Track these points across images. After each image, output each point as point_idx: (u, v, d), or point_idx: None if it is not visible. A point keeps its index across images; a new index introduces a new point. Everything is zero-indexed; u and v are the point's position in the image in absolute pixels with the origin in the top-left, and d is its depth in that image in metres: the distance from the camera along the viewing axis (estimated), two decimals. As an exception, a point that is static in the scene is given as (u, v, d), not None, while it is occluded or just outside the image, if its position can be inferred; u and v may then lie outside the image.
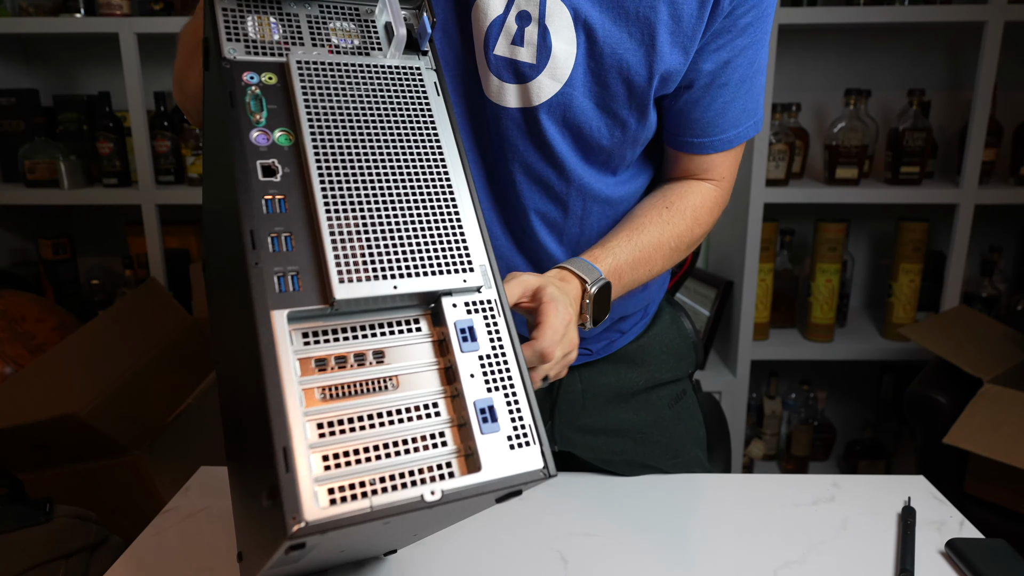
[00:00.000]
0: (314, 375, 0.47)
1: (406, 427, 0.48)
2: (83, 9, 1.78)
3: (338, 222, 0.50)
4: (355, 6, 0.59)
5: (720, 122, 0.76)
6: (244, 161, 0.49)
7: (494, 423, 0.49)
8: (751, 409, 2.13)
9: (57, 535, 1.07)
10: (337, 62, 0.55)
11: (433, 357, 0.51)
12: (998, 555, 0.68)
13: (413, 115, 0.56)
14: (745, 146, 0.83)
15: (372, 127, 0.54)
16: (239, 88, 0.52)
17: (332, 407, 0.47)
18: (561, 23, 0.68)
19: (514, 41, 0.68)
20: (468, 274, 0.53)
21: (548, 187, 0.75)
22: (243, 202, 0.48)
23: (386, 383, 0.49)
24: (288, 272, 0.47)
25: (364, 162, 0.53)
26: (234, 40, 0.53)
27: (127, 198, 1.85)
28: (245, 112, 0.51)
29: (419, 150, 0.55)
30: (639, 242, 0.75)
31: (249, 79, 0.52)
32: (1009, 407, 1.41)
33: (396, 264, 0.50)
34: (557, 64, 0.69)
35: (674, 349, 0.93)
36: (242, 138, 0.50)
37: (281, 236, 0.48)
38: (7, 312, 1.54)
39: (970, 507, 1.48)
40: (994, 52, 1.68)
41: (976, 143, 1.75)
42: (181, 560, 0.71)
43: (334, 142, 0.52)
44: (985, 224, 2.05)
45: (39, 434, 1.29)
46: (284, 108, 0.52)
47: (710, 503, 0.81)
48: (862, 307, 2.20)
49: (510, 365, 0.52)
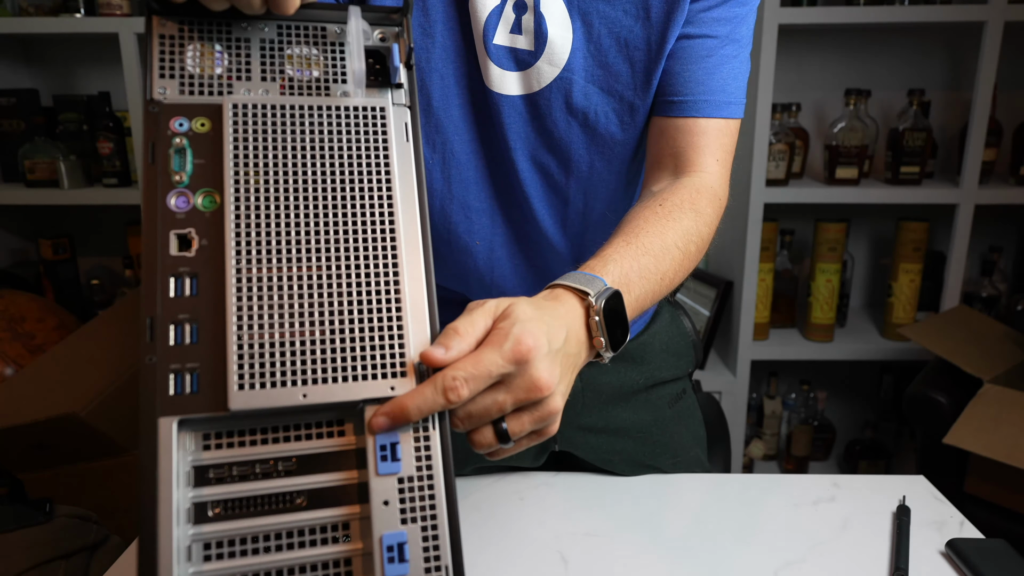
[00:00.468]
0: (210, 487, 0.41)
1: (307, 554, 0.41)
2: (83, 9, 1.78)
3: (248, 312, 0.42)
4: (321, 25, 0.49)
5: (705, 81, 0.72)
6: (155, 230, 0.42)
7: (403, 563, 0.42)
8: (751, 409, 2.13)
9: (57, 535, 1.07)
10: (283, 104, 0.46)
11: (351, 470, 0.43)
12: (998, 555, 0.68)
13: (367, 171, 0.47)
14: (737, 144, 0.79)
15: (313, 189, 0.45)
16: (163, 138, 0.44)
17: (224, 527, 0.40)
18: (556, 9, 0.68)
19: (512, 30, 0.69)
20: (398, 380, 0.44)
21: (550, 177, 0.76)
22: (146, 283, 0.41)
23: (293, 498, 0.42)
24: (187, 369, 0.41)
25: (295, 236, 0.44)
26: (167, 76, 0.45)
27: (127, 198, 1.85)
28: (166, 169, 0.43)
29: (367, 218, 0.46)
30: (641, 246, 0.64)
31: (177, 127, 0.44)
32: (1009, 407, 1.41)
33: (310, 367, 0.43)
34: (554, 49, 0.69)
35: (674, 348, 0.93)
36: (157, 202, 0.43)
37: (185, 325, 0.41)
38: (7, 312, 1.54)
39: (970, 507, 1.48)
40: (994, 52, 1.68)
41: (976, 143, 1.75)
42: (181, 560, 0.71)
43: (261, 209, 0.44)
44: (985, 224, 2.05)
45: (39, 434, 1.29)
46: (214, 163, 0.44)
47: (710, 503, 0.80)
48: (862, 307, 2.20)
49: (436, 492, 0.44)
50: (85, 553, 1.09)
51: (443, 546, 0.43)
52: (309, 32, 0.49)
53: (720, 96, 0.73)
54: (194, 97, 0.45)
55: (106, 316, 1.54)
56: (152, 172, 0.43)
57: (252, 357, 0.41)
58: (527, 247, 0.80)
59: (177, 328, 0.41)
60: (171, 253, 0.42)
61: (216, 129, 0.45)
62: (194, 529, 0.40)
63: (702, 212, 0.70)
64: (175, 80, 0.45)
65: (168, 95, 0.45)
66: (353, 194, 0.46)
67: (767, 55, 1.70)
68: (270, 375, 0.41)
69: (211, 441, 0.41)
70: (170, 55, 0.45)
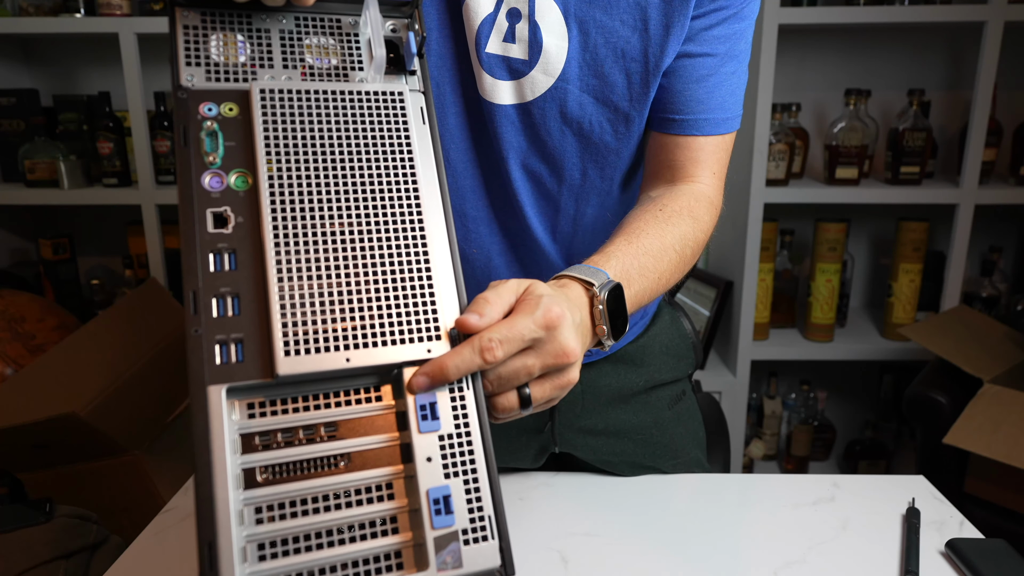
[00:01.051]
0: (257, 453, 0.42)
1: (354, 513, 0.43)
2: (83, 9, 1.78)
3: (289, 283, 0.44)
4: (336, 16, 0.52)
5: (705, 100, 0.74)
6: (191, 209, 0.44)
7: (449, 515, 0.44)
8: (751, 409, 2.13)
9: (57, 535, 1.07)
10: (307, 89, 0.49)
11: (392, 431, 0.46)
12: (998, 555, 0.68)
13: (390, 151, 0.50)
14: (733, 151, 0.81)
15: (341, 168, 0.48)
16: (194, 122, 0.46)
17: (274, 490, 0.42)
18: (551, 18, 0.68)
19: (505, 38, 0.68)
20: (433, 343, 0.47)
21: (541, 184, 0.75)
22: (186, 258, 0.42)
23: (337, 460, 0.44)
24: (231, 340, 0.42)
25: (327, 211, 0.47)
26: (194, 64, 0.47)
27: (127, 198, 1.85)
28: (199, 151, 0.45)
29: (393, 194, 0.49)
30: (641, 246, 0.67)
31: (206, 111, 0.46)
32: (1009, 407, 1.41)
33: (351, 333, 0.45)
34: (548, 59, 0.69)
35: (674, 349, 0.93)
36: (191, 182, 0.45)
37: (227, 298, 0.43)
38: (7, 312, 1.54)
39: (970, 507, 1.48)
40: (994, 52, 1.68)
41: (976, 143, 1.75)
42: (181, 560, 0.71)
43: (294, 187, 0.46)
44: (985, 224, 2.05)
45: (39, 434, 1.29)
46: (244, 145, 0.46)
47: (710, 503, 0.80)
48: (862, 307, 2.20)
49: (474, 447, 0.46)
50: (85, 553, 1.09)
51: (484, 497, 0.46)
52: (325, 23, 0.51)
53: (719, 114, 0.75)
54: (220, 84, 0.47)
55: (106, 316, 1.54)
56: (185, 154, 0.44)
57: (296, 324, 0.43)
58: (523, 254, 0.80)
59: (219, 300, 0.43)
60: (208, 230, 0.43)
61: (244, 113, 0.47)
62: (245, 494, 0.41)
63: (699, 219, 0.73)
64: (201, 68, 0.47)
65: (195, 82, 0.47)
66: (379, 171, 0.49)
67: (767, 55, 1.70)
68: (314, 341, 0.43)
69: (255, 409, 0.43)
70: (195, 44, 0.47)
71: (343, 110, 0.49)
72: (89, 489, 1.37)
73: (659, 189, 0.76)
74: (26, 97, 1.92)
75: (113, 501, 1.37)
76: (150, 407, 1.43)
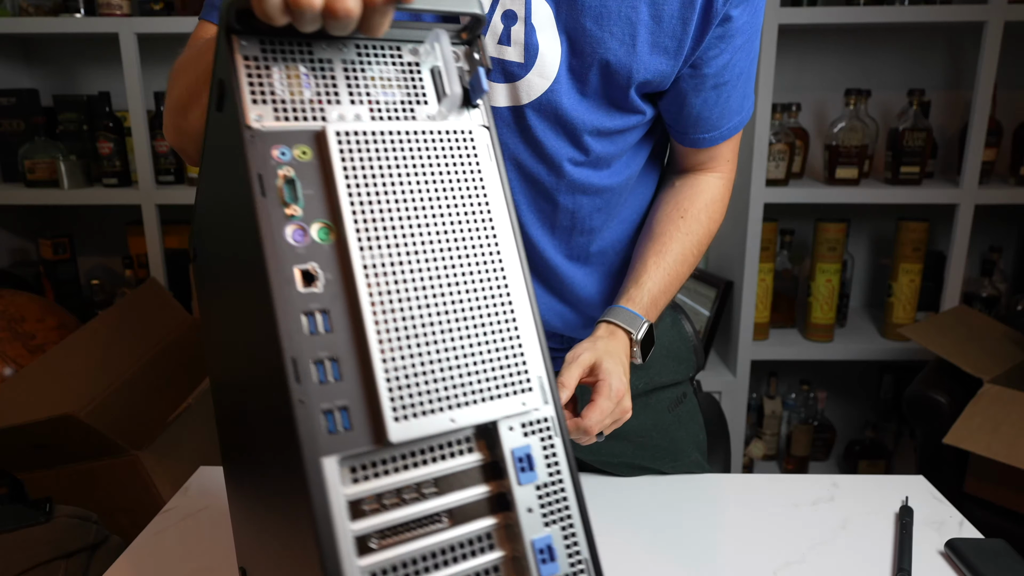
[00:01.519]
0: (368, 519, 0.41)
1: (464, 567, 0.43)
2: (83, 9, 1.78)
3: (389, 344, 0.42)
4: (396, 43, 0.48)
5: (726, 113, 0.79)
6: (279, 267, 0.40)
7: (553, 563, 0.44)
8: (751, 409, 2.13)
9: (57, 535, 1.07)
10: (383, 130, 0.45)
11: (491, 483, 0.46)
12: (998, 555, 0.68)
13: (465, 193, 0.47)
14: (742, 140, 0.88)
15: (421, 215, 0.45)
16: (268, 168, 0.41)
17: (390, 555, 0.41)
18: (546, 21, 0.68)
19: (501, 41, 0.68)
20: (527, 395, 0.46)
21: (538, 184, 0.76)
22: (282, 322, 0.39)
23: (441, 516, 0.44)
24: (336, 408, 0.40)
25: (415, 262, 0.44)
26: (259, 101, 0.42)
27: (127, 198, 1.85)
28: (278, 200, 0.41)
29: (473, 239, 0.46)
30: (666, 265, 0.79)
31: (280, 155, 0.42)
32: (1009, 407, 1.41)
33: (453, 393, 0.44)
34: (545, 62, 0.69)
35: (674, 352, 0.93)
36: (275, 237, 0.40)
37: (326, 362, 0.40)
38: (7, 312, 1.54)
39: (970, 507, 1.48)
40: (994, 52, 1.68)
41: (976, 143, 1.75)
42: (181, 560, 0.71)
43: (381, 238, 0.43)
44: (985, 224, 2.05)
45: (39, 434, 1.29)
46: (321, 192, 0.42)
47: (710, 503, 0.81)
48: (862, 307, 2.20)
49: (567, 494, 0.47)
50: (85, 553, 1.09)
51: (580, 541, 0.46)
52: (385, 51, 0.48)
53: (735, 118, 0.81)
54: (290, 123, 0.43)
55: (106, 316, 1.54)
56: (264, 205, 0.40)
57: (401, 388, 0.42)
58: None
59: (319, 366, 0.40)
60: (299, 290, 0.40)
61: (319, 157, 0.43)
62: (363, 561, 0.40)
63: (715, 220, 0.84)
64: (268, 105, 0.43)
65: (264, 122, 0.42)
66: (458, 216, 0.46)
67: (767, 55, 1.70)
68: (419, 404, 0.42)
69: (359, 473, 0.41)
70: (257, 78, 0.42)
71: (419, 151, 0.46)
72: (89, 489, 1.37)
73: (682, 177, 0.85)
74: (26, 97, 1.92)
75: (113, 501, 1.37)
76: (150, 407, 1.43)
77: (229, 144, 0.43)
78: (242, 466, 0.56)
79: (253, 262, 0.41)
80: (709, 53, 0.73)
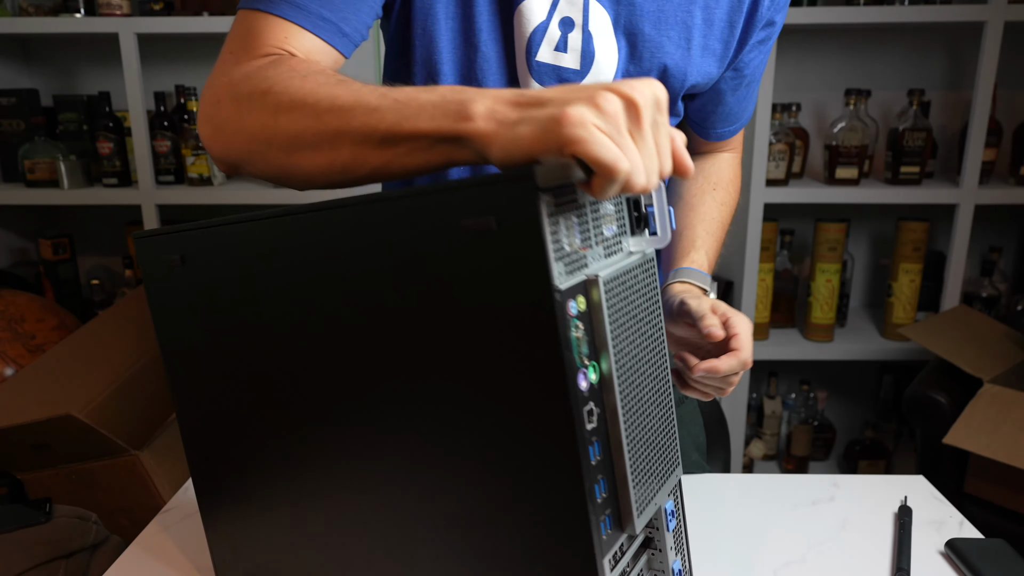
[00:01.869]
0: None
1: None
2: (83, 9, 1.78)
3: (634, 457, 0.48)
4: None
5: (749, 106, 0.86)
6: (579, 412, 0.43)
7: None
8: (751, 409, 2.13)
9: (57, 535, 1.07)
10: (625, 270, 0.47)
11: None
12: (997, 555, 0.68)
13: (654, 308, 0.51)
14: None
15: (643, 336, 0.50)
16: (566, 323, 0.42)
17: None
18: (603, 28, 0.68)
19: (557, 47, 0.68)
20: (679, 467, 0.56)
21: None
22: (583, 459, 0.43)
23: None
24: (605, 516, 0.46)
25: (644, 387, 0.50)
26: (554, 258, 0.42)
27: (127, 198, 1.85)
28: (575, 359, 0.43)
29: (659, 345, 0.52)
30: (713, 230, 0.85)
31: (572, 310, 0.43)
32: (1009, 407, 1.41)
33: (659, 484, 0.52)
34: (600, 69, 0.69)
35: (675, 351, 0.94)
36: (574, 386, 0.43)
37: (600, 482, 0.45)
38: (7, 312, 1.54)
39: (970, 507, 1.48)
40: (994, 52, 1.68)
41: (976, 143, 1.76)
42: (181, 560, 0.71)
43: (628, 367, 0.47)
44: (985, 224, 2.05)
45: (39, 434, 1.29)
46: (591, 337, 0.45)
47: (710, 503, 0.81)
48: (862, 307, 2.20)
49: (683, 531, 0.57)
50: (85, 553, 1.09)
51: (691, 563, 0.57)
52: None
53: (750, 109, 0.88)
54: (573, 276, 0.44)
55: (106, 316, 1.54)
56: (570, 360, 0.43)
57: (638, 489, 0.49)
58: None
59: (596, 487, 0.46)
60: (587, 427, 0.44)
61: (589, 305, 0.45)
62: None
63: (738, 192, 0.93)
64: (560, 262, 0.43)
65: (561, 281, 0.42)
66: (654, 330, 0.52)
67: (767, 55, 1.70)
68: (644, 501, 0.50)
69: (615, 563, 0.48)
70: (552, 235, 0.42)
71: (637, 285, 0.49)
72: (89, 489, 1.37)
73: (704, 158, 0.91)
74: (26, 97, 1.92)
75: (113, 501, 1.37)
76: (150, 407, 1.44)
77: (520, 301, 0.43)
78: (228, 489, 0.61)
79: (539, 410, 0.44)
80: (751, 55, 0.76)
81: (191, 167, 1.86)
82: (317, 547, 0.59)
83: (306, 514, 0.58)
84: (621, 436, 0.46)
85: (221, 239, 0.55)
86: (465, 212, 0.42)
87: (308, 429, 0.55)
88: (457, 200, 0.43)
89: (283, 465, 0.58)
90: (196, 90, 1.88)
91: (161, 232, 0.58)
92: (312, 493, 0.57)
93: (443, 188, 0.43)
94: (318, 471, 0.56)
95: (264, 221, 0.52)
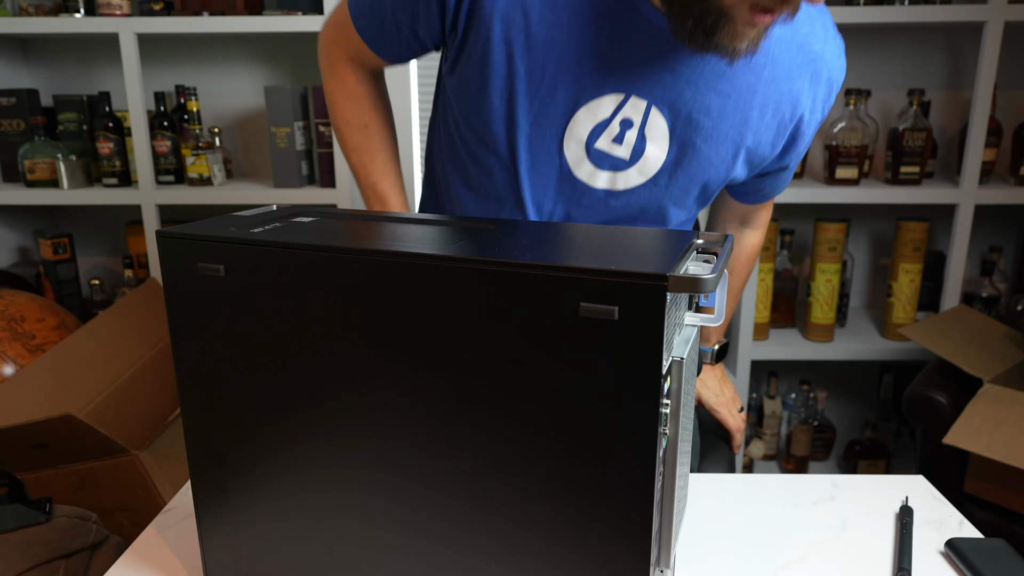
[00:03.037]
0: None
1: None
2: (83, 9, 1.78)
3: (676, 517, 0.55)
4: None
5: (781, 186, 0.92)
6: (657, 473, 0.50)
7: None
8: (751, 409, 2.13)
9: (57, 535, 1.07)
10: (691, 348, 0.55)
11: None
12: (997, 555, 0.68)
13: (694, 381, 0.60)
14: None
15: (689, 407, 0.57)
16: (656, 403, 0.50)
17: None
18: (658, 134, 0.76)
19: (615, 140, 0.76)
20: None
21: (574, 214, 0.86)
22: (667, 510, 0.53)
23: None
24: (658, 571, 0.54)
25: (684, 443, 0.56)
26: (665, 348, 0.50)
27: (127, 198, 1.85)
28: (663, 431, 0.50)
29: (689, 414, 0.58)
30: (735, 291, 1.03)
31: (663, 388, 0.48)
32: (1009, 407, 1.41)
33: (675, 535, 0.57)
34: (647, 163, 0.78)
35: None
36: (656, 453, 0.49)
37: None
38: (7, 312, 1.54)
39: (970, 507, 1.48)
40: (994, 52, 1.68)
41: (976, 143, 1.76)
42: (181, 560, 0.71)
43: (683, 433, 0.54)
44: (985, 224, 2.05)
45: (39, 434, 1.29)
46: (668, 410, 0.52)
47: (710, 503, 0.81)
48: (862, 307, 2.20)
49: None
50: (85, 553, 1.09)
51: None
52: None
53: (784, 186, 0.92)
54: (666, 359, 0.50)
55: (106, 316, 1.54)
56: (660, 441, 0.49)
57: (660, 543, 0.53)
58: None
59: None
60: (655, 487, 0.50)
61: (672, 381, 0.51)
62: None
63: (754, 261, 1.05)
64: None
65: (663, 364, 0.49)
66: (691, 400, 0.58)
67: (767, 55, 1.70)
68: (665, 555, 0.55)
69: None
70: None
71: (694, 356, 0.57)
72: (89, 489, 1.37)
73: (737, 230, 1.01)
74: (26, 97, 1.92)
75: (113, 501, 1.37)
76: (150, 407, 1.44)
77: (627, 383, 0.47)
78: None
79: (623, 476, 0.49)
80: (790, 155, 0.83)
81: (191, 167, 1.86)
82: (331, 554, 0.59)
83: (325, 525, 0.58)
84: (674, 491, 0.53)
85: (278, 260, 0.54)
86: (584, 296, 0.45)
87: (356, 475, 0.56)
88: (576, 284, 0.45)
89: (309, 483, 0.58)
90: (196, 90, 1.88)
91: (198, 237, 0.56)
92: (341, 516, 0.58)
93: (562, 269, 0.46)
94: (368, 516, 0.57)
95: (333, 255, 0.52)
